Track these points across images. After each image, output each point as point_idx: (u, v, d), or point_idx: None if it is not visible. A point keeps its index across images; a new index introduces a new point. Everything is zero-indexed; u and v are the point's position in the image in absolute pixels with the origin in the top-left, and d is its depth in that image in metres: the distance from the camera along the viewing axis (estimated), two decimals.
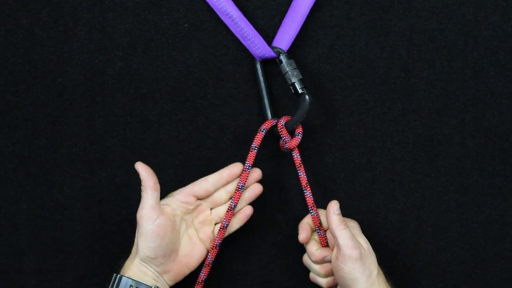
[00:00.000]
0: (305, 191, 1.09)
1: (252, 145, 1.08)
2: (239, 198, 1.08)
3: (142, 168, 1.04)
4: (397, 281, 1.14)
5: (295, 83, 1.08)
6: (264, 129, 1.09)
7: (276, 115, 1.13)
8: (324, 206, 1.12)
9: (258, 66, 1.12)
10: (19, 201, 1.14)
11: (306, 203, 1.09)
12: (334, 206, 1.05)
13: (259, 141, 1.08)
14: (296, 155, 1.10)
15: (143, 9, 1.12)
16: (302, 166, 1.10)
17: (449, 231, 1.17)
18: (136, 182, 1.13)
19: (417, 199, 1.16)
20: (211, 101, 1.14)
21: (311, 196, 1.09)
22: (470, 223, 1.17)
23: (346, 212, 1.14)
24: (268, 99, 1.12)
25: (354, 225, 1.09)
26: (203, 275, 1.09)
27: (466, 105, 1.16)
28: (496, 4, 1.15)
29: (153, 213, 1.03)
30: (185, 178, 1.13)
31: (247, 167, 1.08)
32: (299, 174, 1.10)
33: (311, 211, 1.09)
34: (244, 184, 1.08)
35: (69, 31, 1.12)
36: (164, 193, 1.14)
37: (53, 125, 1.13)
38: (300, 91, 1.08)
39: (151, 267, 1.04)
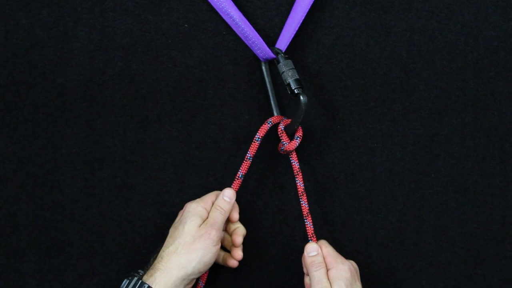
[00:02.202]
0: (301, 200, 1.09)
1: (256, 137, 1.07)
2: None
3: (233, 196, 1.08)
4: (397, 281, 1.14)
5: (290, 83, 1.07)
6: (270, 122, 1.08)
7: (282, 115, 1.12)
8: (324, 207, 1.12)
9: (264, 68, 1.12)
10: (19, 201, 1.14)
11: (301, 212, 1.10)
12: (308, 248, 1.06)
13: (263, 133, 1.07)
14: (295, 163, 1.09)
15: (143, 9, 1.12)
16: (300, 174, 1.09)
17: (449, 231, 1.17)
18: (136, 182, 1.13)
19: (417, 199, 1.16)
20: (211, 101, 1.14)
21: (306, 205, 1.09)
22: (470, 223, 1.17)
23: (346, 212, 1.14)
24: (275, 100, 1.12)
25: (346, 268, 1.04)
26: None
27: (466, 105, 1.16)
28: (496, 4, 1.15)
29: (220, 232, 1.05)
30: (185, 178, 1.13)
31: (249, 157, 1.07)
32: (296, 182, 1.09)
33: (306, 220, 1.09)
34: (244, 173, 1.08)
35: (69, 31, 1.12)
36: (165, 193, 1.14)
37: (53, 125, 1.13)
38: (295, 91, 1.06)
39: (189, 280, 1.03)
